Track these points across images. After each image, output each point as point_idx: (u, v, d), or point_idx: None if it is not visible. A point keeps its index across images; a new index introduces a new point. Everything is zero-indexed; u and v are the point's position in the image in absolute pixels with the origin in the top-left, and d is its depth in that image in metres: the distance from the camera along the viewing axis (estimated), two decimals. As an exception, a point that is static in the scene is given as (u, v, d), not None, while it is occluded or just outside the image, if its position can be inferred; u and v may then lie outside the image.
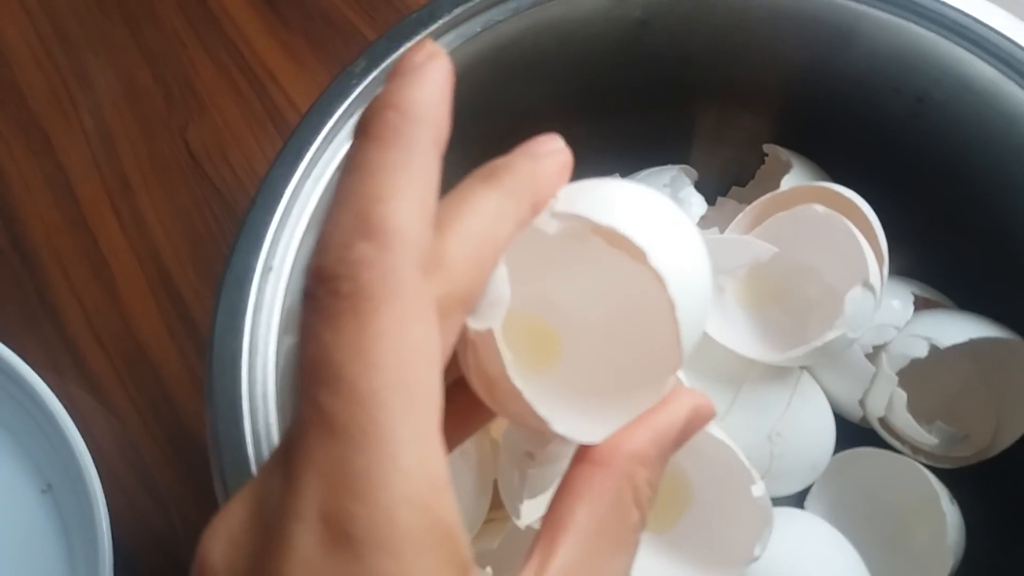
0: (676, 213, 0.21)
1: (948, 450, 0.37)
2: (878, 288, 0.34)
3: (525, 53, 0.39)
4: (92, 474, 0.40)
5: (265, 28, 0.57)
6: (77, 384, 0.47)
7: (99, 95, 0.55)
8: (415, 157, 0.17)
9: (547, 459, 0.32)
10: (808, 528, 0.35)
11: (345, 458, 0.15)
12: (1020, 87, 0.34)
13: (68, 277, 0.50)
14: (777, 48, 0.40)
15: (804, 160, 0.41)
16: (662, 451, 0.20)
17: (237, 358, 0.31)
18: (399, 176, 0.17)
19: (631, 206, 0.20)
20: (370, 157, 0.17)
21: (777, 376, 0.36)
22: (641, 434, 0.20)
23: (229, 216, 0.51)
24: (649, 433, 0.20)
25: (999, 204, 0.37)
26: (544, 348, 0.23)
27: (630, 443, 0.20)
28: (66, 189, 0.52)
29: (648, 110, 0.44)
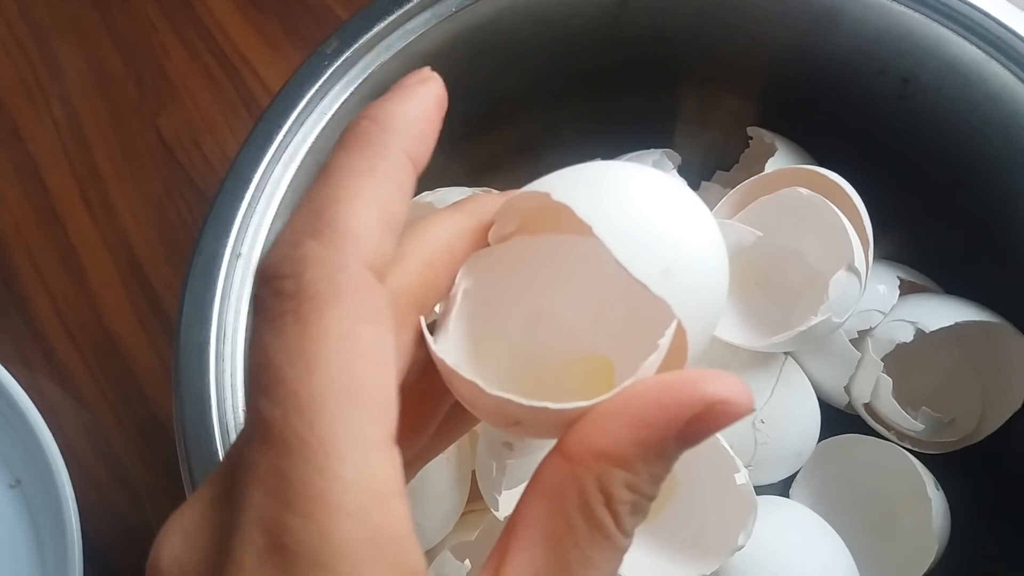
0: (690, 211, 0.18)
1: (934, 435, 0.37)
2: (863, 272, 0.33)
3: (502, 34, 0.38)
4: (61, 469, 0.39)
5: (238, 11, 0.55)
6: (46, 376, 0.46)
7: (68, 82, 0.54)
8: (381, 164, 0.17)
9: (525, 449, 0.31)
10: (793, 516, 0.35)
11: (282, 468, 0.14)
12: (1004, 67, 0.34)
13: (37, 267, 0.48)
14: (760, 29, 0.39)
15: (789, 143, 0.40)
16: (647, 448, 0.16)
17: (205, 347, 0.30)
18: (359, 180, 0.17)
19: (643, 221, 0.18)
20: (336, 161, 0.17)
21: (761, 362, 0.36)
22: (618, 429, 0.16)
23: (201, 204, 0.50)
24: (627, 426, 0.16)
25: (985, 186, 0.37)
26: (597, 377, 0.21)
27: (602, 439, 0.16)
28: (34, 178, 0.51)
29: (630, 92, 0.43)
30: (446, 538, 0.34)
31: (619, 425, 0.16)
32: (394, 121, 0.18)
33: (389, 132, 0.17)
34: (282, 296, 0.15)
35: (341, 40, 0.35)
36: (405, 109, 0.18)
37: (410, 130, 0.18)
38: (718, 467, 0.30)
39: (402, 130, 0.18)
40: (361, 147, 0.17)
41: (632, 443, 0.16)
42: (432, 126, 0.18)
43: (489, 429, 0.32)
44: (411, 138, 0.18)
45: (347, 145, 0.17)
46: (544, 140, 0.42)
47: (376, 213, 0.16)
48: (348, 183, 0.17)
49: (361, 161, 0.17)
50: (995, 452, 0.37)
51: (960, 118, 0.36)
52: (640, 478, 0.16)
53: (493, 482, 0.31)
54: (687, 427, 0.16)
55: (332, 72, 0.34)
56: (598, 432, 0.16)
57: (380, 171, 0.17)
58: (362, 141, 0.17)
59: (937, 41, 0.35)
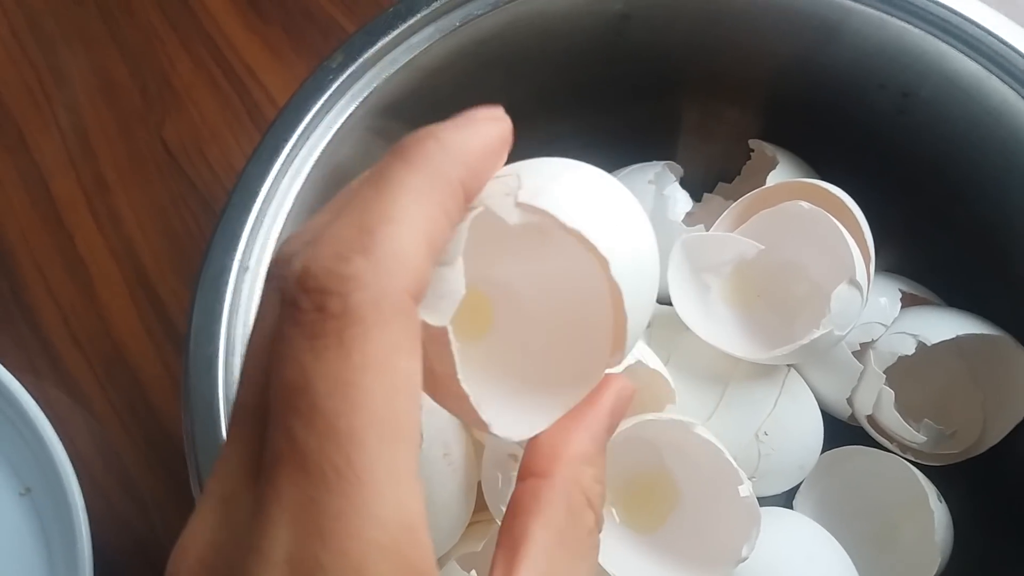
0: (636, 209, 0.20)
1: (936, 447, 0.37)
2: (865, 285, 0.34)
3: (505, 48, 0.38)
4: (71, 477, 0.39)
5: (243, 22, 0.56)
6: (54, 385, 0.46)
7: (74, 91, 0.54)
8: (438, 188, 0.17)
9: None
10: (796, 527, 0.35)
11: (317, 501, 0.14)
12: (1004, 83, 0.34)
13: (44, 277, 0.49)
14: (761, 43, 0.39)
15: (790, 156, 0.41)
16: (601, 445, 0.20)
17: (213, 360, 0.30)
18: (415, 201, 0.16)
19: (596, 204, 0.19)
20: (393, 173, 0.17)
21: (764, 375, 0.36)
22: (580, 435, 0.19)
23: (207, 214, 0.50)
24: (583, 429, 0.20)
25: (985, 200, 0.37)
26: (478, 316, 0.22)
27: (573, 447, 0.19)
28: (41, 187, 0.51)
29: (632, 105, 0.43)
30: (452, 548, 0.34)
31: (580, 432, 0.19)
32: (459, 149, 0.17)
33: (452, 159, 0.17)
34: (326, 314, 0.15)
35: (346, 54, 0.35)
36: (471, 141, 0.18)
37: (472, 163, 0.17)
38: (721, 479, 0.31)
39: (464, 161, 0.17)
40: (421, 165, 0.17)
41: (591, 442, 0.19)
42: (491, 164, 0.18)
43: (494, 442, 0.32)
44: (470, 170, 0.17)
45: (407, 159, 0.17)
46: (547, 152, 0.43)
47: (425, 240, 0.16)
48: (403, 202, 0.16)
49: (419, 180, 0.17)
50: (997, 464, 0.37)
51: (960, 133, 0.37)
52: (599, 469, 0.20)
53: (499, 493, 0.32)
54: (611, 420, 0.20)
55: (338, 86, 0.35)
56: (567, 442, 0.19)
57: (435, 197, 0.17)
58: (423, 159, 0.17)
59: (937, 56, 0.36)
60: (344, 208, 0.16)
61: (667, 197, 0.41)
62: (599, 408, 0.20)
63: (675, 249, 0.36)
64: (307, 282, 0.15)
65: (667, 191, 0.41)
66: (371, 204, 0.16)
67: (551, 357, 0.21)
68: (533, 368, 0.21)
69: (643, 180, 0.41)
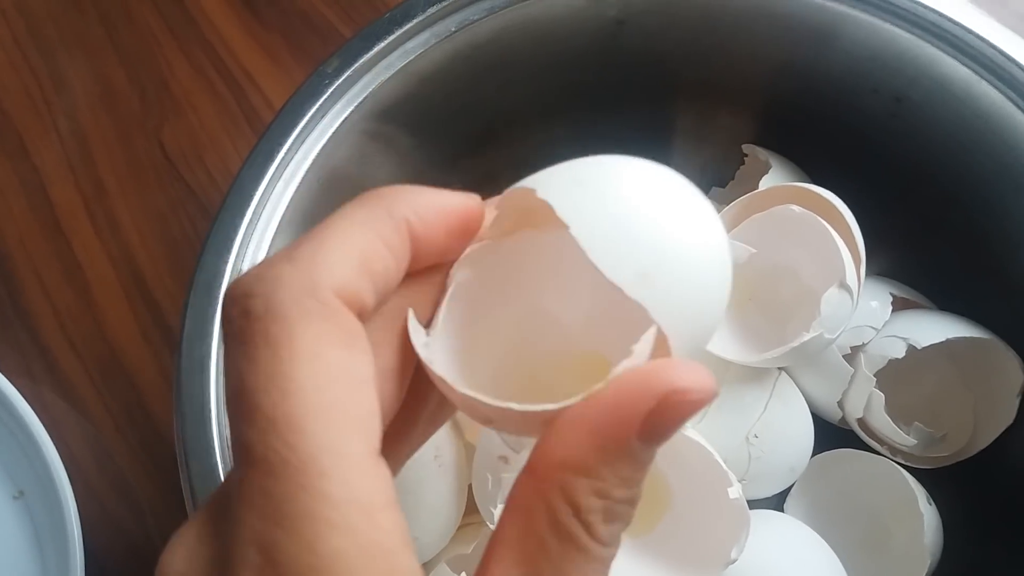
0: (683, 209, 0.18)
1: (926, 451, 0.37)
2: (855, 289, 0.34)
3: (501, 52, 0.39)
4: (64, 481, 0.39)
5: (242, 28, 0.56)
6: (50, 389, 0.46)
7: (74, 97, 0.55)
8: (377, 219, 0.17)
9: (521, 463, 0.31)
10: (786, 530, 0.35)
11: (268, 489, 0.15)
12: (994, 87, 0.34)
13: (41, 281, 0.49)
14: (754, 48, 0.39)
15: (783, 160, 0.41)
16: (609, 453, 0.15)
17: (206, 362, 0.30)
18: (352, 226, 0.17)
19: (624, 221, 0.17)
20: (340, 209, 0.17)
21: (755, 378, 0.36)
22: (574, 436, 0.16)
23: (204, 219, 0.50)
24: (585, 433, 0.16)
25: (976, 203, 0.37)
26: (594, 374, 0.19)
27: (561, 450, 0.16)
28: (40, 192, 0.51)
29: (627, 109, 0.43)
30: (443, 551, 0.34)
31: (576, 433, 0.16)
32: (410, 196, 0.18)
33: (399, 200, 0.18)
34: (251, 316, 0.16)
35: (342, 59, 0.35)
36: (427, 194, 0.18)
37: (421, 210, 0.18)
38: (711, 481, 0.31)
39: (412, 204, 0.18)
40: (365, 201, 0.17)
41: (592, 449, 0.16)
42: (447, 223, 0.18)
43: (485, 444, 0.32)
44: (418, 215, 0.18)
45: (357, 199, 0.18)
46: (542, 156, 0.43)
47: (355, 255, 0.17)
48: (337, 225, 0.17)
49: (359, 212, 0.17)
50: (987, 467, 0.37)
51: (951, 136, 0.37)
52: (608, 483, 0.16)
53: (489, 495, 0.32)
54: (647, 423, 0.15)
55: (333, 91, 0.35)
56: (557, 444, 0.16)
57: (372, 225, 0.17)
58: (370, 197, 0.18)
59: (928, 61, 0.36)
60: None
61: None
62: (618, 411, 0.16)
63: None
64: (234, 291, 0.16)
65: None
66: (310, 231, 0.17)
67: None
68: None
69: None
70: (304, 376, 0.15)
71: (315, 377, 0.15)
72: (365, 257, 0.17)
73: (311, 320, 0.16)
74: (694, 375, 0.16)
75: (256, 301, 0.16)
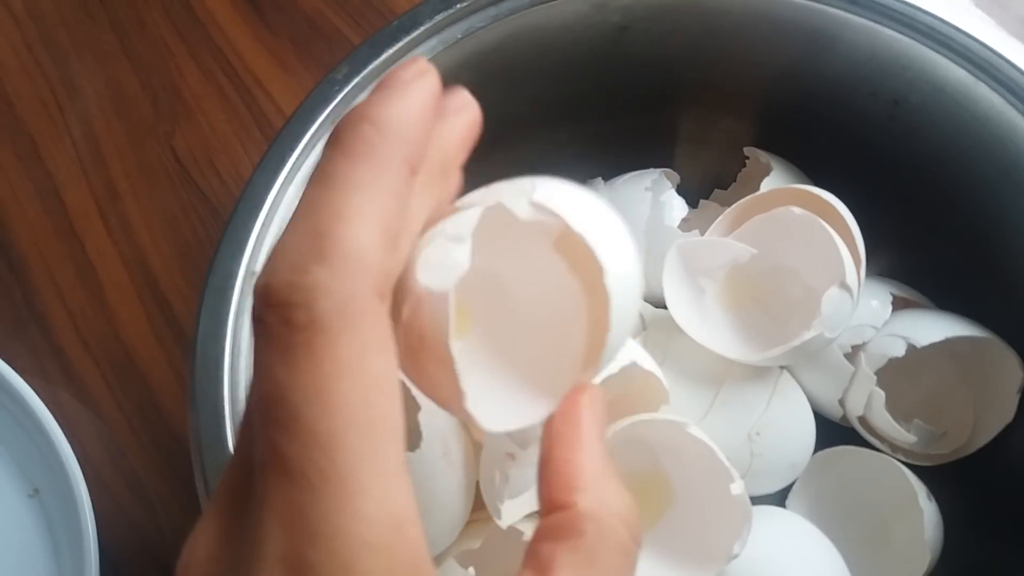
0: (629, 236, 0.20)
1: (926, 448, 0.37)
2: (855, 288, 0.34)
3: (506, 59, 0.39)
4: (78, 478, 0.40)
5: (252, 34, 0.57)
6: (65, 389, 0.47)
7: (87, 102, 0.55)
8: (385, 176, 0.16)
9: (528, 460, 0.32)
10: (788, 526, 0.35)
11: (304, 504, 0.15)
12: (992, 89, 0.35)
13: (56, 283, 0.50)
14: (755, 52, 0.40)
15: (784, 163, 0.42)
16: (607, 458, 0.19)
17: (219, 362, 0.31)
18: (364, 195, 0.16)
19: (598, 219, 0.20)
20: (337, 171, 0.16)
21: (757, 376, 0.37)
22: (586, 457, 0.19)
23: (215, 221, 0.51)
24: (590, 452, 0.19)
25: (974, 204, 0.38)
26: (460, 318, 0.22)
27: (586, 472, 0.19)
28: (54, 196, 0.52)
29: (630, 114, 0.44)
30: (451, 546, 0.35)
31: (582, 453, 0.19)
32: (395, 127, 0.17)
33: (391, 140, 0.17)
34: (293, 326, 0.15)
35: (351, 66, 0.36)
36: (406, 112, 0.17)
37: (410, 136, 0.17)
38: (714, 478, 0.31)
39: (403, 137, 0.17)
40: (363, 156, 0.16)
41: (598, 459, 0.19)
42: (430, 126, 0.18)
43: (493, 442, 0.33)
44: (412, 145, 0.17)
45: (348, 152, 0.17)
46: (546, 160, 0.44)
47: (381, 232, 0.16)
48: (352, 199, 0.16)
49: (362, 172, 0.16)
50: (987, 464, 0.37)
51: (949, 138, 0.37)
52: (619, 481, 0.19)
53: (496, 492, 0.32)
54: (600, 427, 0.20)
55: (342, 97, 0.36)
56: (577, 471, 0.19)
57: (384, 184, 0.16)
58: (363, 148, 0.17)
59: (926, 64, 0.36)
60: (295, 218, 0.16)
61: (663, 203, 0.42)
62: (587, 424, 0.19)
63: (670, 253, 0.37)
64: (270, 298, 0.16)
65: (663, 198, 0.42)
66: (321, 206, 0.16)
67: (534, 357, 0.22)
68: (515, 365, 0.21)
69: (640, 187, 0.42)
70: (347, 390, 0.15)
71: (358, 391, 0.15)
72: (387, 227, 0.16)
73: (354, 330, 0.15)
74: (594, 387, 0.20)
75: (298, 312, 0.15)
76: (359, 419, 0.15)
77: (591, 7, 0.39)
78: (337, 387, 0.15)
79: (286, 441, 0.15)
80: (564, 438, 0.19)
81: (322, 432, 0.15)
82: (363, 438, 0.15)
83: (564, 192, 0.20)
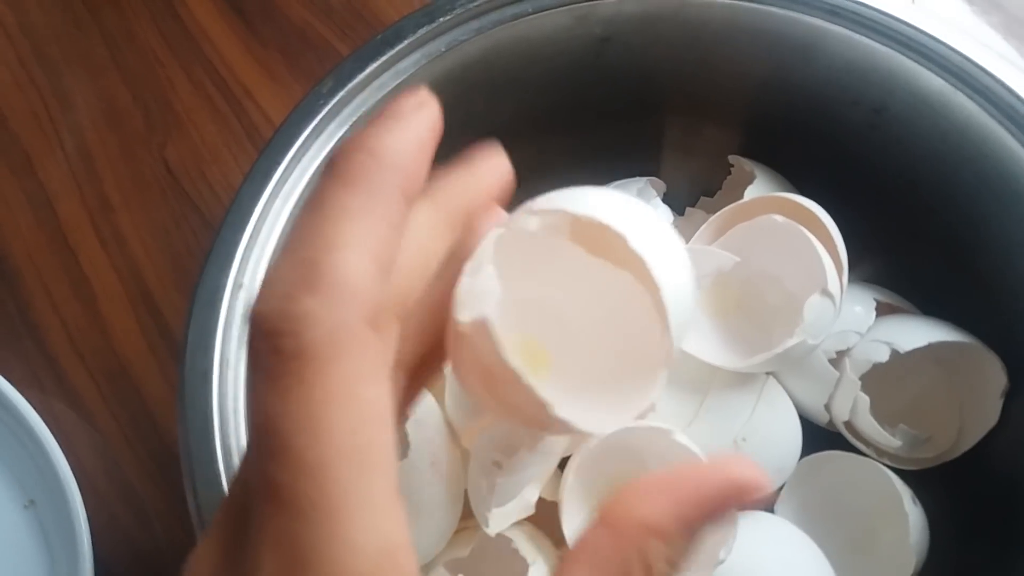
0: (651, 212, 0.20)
1: (912, 452, 0.38)
2: (837, 295, 0.35)
3: (490, 71, 0.40)
4: (73, 490, 0.40)
5: (241, 45, 0.57)
6: (60, 400, 0.47)
7: (79, 115, 0.56)
8: (379, 205, 0.16)
9: (514, 468, 0.32)
10: (774, 530, 0.36)
11: (296, 534, 0.15)
12: (970, 99, 0.35)
13: (50, 295, 0.50)
14: (737, 62, 0.40)
15: (768, 170, 0.42)
16: (684, 524, 0.17)
17: (208, 373, 0.32)
18: (357, 223, 0.16)
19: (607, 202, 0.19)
20: (331, 199, 0.16)
21: (742, 382, 0.37)
22: (659, 501, 0.17)
23: (208, 232, 0.52)
24: (669, 501, 0.17)
25: (955, 211, 0.38)
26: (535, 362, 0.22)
27: (644, 508, 0.17)
28: (47, 208, 0.53)
29: (616, 123, 0.44)
30: (440, 554, 0.35)
31: (662, 499, 0.17)
32: (392, 157, 0.17)
33: (386, 169, 0.17)
34: (283, 355, 0.15)
35: (336, 80, 0.37)
36: (403, 143, 0.17)
37: (407, 166, 0.17)
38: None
39: (399, 166, 0.17)
40: (358, 184, 0.17)
41: (674, 518, 0.17)
42: (428, 157, 0.18)
43: (479, 450, 0.33)
44: (409, 176, 0.17)
45: (342, 180, 0.17)
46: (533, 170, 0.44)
47: (373, 260, 0.16)
48: (344, 227, 0.16)
49: (357, 200, 0.16)
50: (971, 468, 0.38)
51: (930, 146, 0.38)
52: (675, 552, 0.17)
53: (484, 500, 0.33)
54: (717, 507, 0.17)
55: (328, 110, 0.36)
56: (643, 502, 0.17)
57: (376, 213, 0.16)
58: (358, 177, 0.17)
59: (905, 73, 0.37)
60: (288, 245, 0.16)
61: (649, 212, 0.42)
62: (700, 486, 0.17)
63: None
64: (260, 326, 0.16)
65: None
66: (313, 233, 0.16)
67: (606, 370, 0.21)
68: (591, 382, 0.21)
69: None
70: (337, 419, 0.15)
71: (346, 419, 0.15)
72: (381, 257, 0.16)
73: (344, 359, 0.15)
74: (759, 473, 0.18)
75: (287, 341, 0.15)
76: (348, 448, 0.15)
77: (573, 19, 0.39)
78: (326, 416, 0.15)
79: (277, 469, 0.15)
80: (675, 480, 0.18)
81: (311, 461, 0.15)
82: (352, 467, 0.15)
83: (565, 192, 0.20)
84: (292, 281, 0.16)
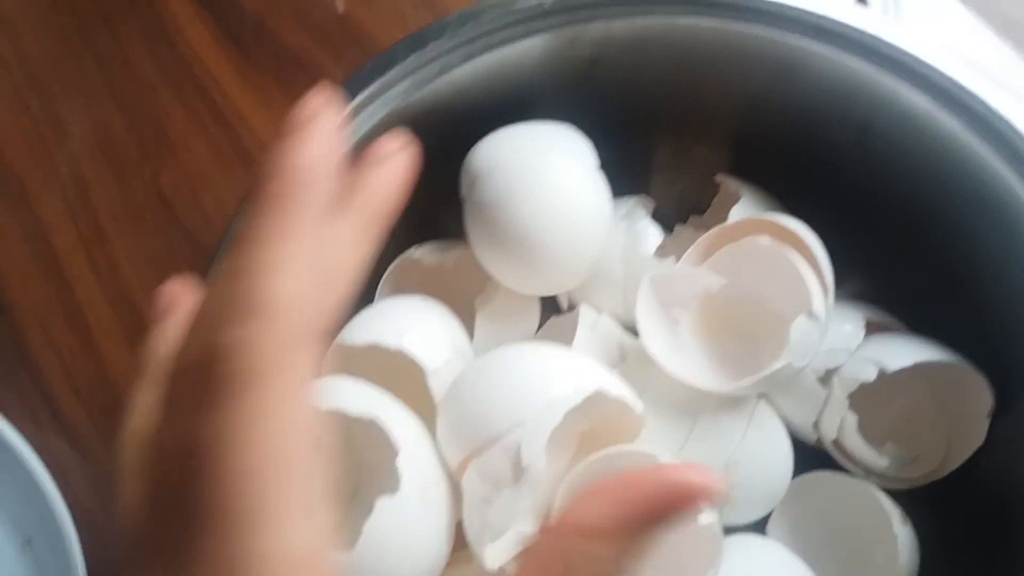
0: None
1: (900, 471, 0.38)
2: (823, 317, 0.35)
3: (480, 96, 0.40)
4: (69, 529, 0.40)
5: (235, 70, 0.57)
6: (55, 435, 0.47)
7: (74, 144, 0.56)
8: (303, 224, 0.17)
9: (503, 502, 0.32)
10: (765, 554, 0.36)
11: (222, 542, 0.16)
12: (953, 116, 0.35)
13: (45, 328, 0.50)
14: (723, 83, 0.41)
15: (754, 189, 0.42)
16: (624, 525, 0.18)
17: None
18: (286, 245, 0.17)
19: None
20: (257, 226, 0.17)
21: (733, 406, 0.37)
22: (595, 505, 0.19)
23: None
24: (607, 504, 0.19)
25: (942, 228, 0.38)
26: None
27: (580, 512, 0.19)
28: (42, 240, 0.53)
29: (605, 144, 0.44)
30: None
31: (599, 502, 0.19)
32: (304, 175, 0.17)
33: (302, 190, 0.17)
34: (216, 378, 0.16)
35: (326, 108, 0.37)
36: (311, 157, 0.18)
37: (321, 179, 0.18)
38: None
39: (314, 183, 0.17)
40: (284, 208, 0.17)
41: (611, 519, 0.18)
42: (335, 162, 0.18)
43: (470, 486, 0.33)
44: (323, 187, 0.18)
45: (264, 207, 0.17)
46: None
47: (305, 277, 0.17)
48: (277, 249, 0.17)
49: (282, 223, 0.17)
50: (960, 487, 0.38)
51: (915, 164, 0.38)
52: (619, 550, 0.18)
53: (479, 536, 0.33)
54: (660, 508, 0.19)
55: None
56: (581, 506, 0.19)
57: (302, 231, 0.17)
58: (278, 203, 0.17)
59: (889, 91, 0.37)
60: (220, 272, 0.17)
61: (638, 232, 0.42)
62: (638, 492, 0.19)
63: (643, 286, 0.37)
64: (188, 355, 0.17)
65: (638, 226, 0.42)
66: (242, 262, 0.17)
67: None
68: None
69: (615, 215, 0.43)
70: (259, 434, 0.16)
71: (269, 434, 0.16)
72: (313, 270, 0.17)
73: (269, 379, 0.16)
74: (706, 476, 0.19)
75: (217, 368, 0.16)
76: (268, 461, 0.16)
77: (563, 41, 0.40)
78: (249, 431, 0.16)
79: (200, 485, 0.16)
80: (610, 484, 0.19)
81: (233, 475, 0.16)
82: (272, 479, 0.16)
83: None
84: (225, 309, 0.16)
